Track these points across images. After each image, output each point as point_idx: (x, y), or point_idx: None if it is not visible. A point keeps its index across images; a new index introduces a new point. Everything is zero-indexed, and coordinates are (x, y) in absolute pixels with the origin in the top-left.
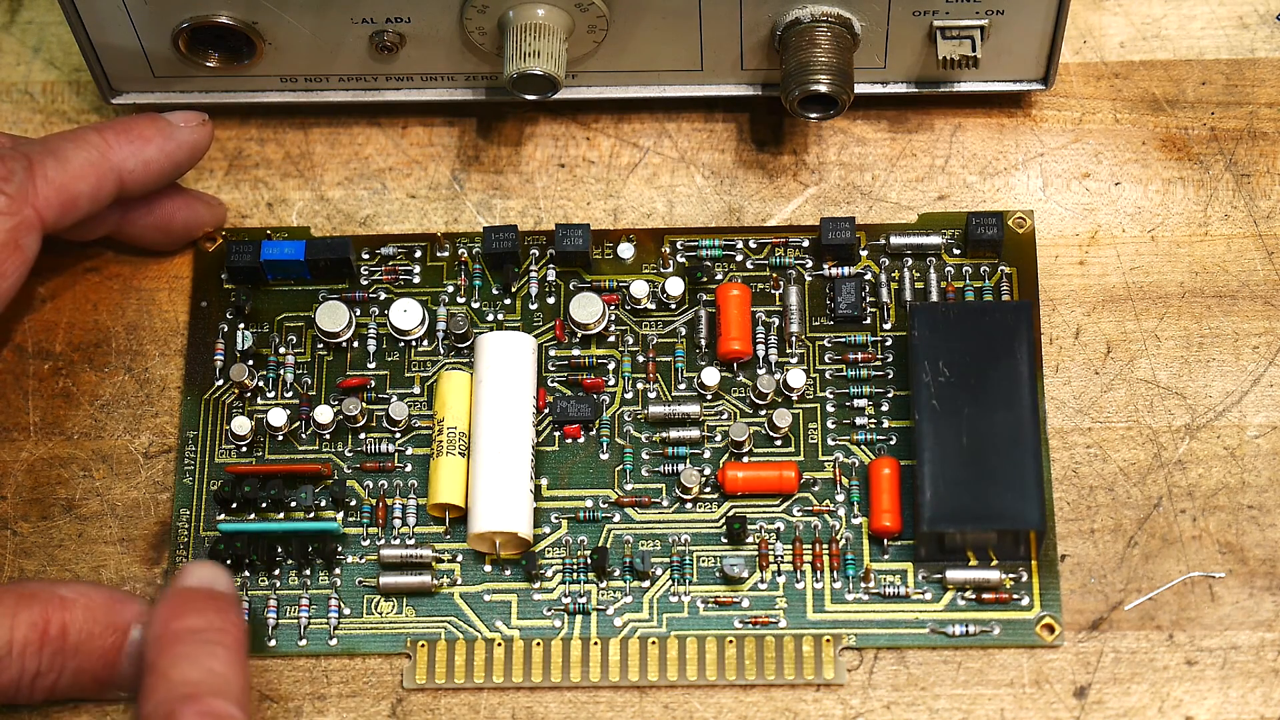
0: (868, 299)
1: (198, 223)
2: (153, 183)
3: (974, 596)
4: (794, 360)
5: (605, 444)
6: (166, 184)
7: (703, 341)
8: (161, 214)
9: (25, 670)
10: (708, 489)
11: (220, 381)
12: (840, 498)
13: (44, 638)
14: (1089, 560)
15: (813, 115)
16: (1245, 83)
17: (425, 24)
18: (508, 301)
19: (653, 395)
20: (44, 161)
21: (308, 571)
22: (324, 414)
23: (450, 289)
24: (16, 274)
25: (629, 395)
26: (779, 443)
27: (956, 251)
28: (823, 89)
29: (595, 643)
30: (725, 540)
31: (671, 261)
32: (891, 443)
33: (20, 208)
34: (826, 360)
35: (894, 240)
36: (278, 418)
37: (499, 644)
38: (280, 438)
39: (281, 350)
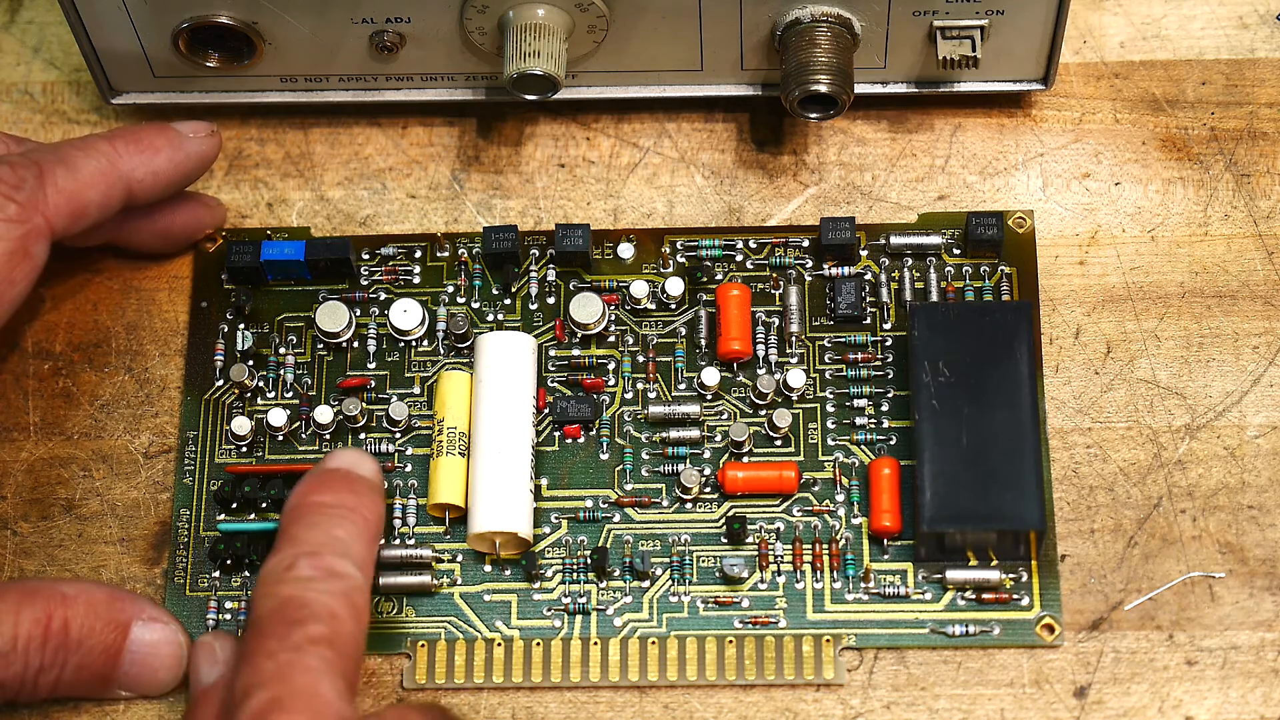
0: (868, 299)
1: (198, 226)
2: (161, 192)
3: (974, 596)
4: (794, 360)
5: (605, 444)
6: (174, 194)
7: (703, 341)
8: (162, 220)
9: (29, 666)
10: (708, 489)
11: (220, 381)
12: (840, 498)
13: (46, 633)
14: (1089, 560)
15: (813, 115)
16: (1245, 83)
17: (425, 24)
18: (508, 301)
19: (653, 395)
20: (54, 170)
21: None
22: (324, 414)
23: (450, 289)
24: (25, 281)
25: (629, 395)
26: (779, 443)
27: (956, 251)
28: (823, 89)
29: (595, 643)
30: (725, 540)
31: (671, 261)
32: (891, 443)
33: (30, 215)
34: (826, 360)
35: (894, 240)
36: (278, 418)
37: (499, 644)
38: (280, 438)
39: (281, 350)
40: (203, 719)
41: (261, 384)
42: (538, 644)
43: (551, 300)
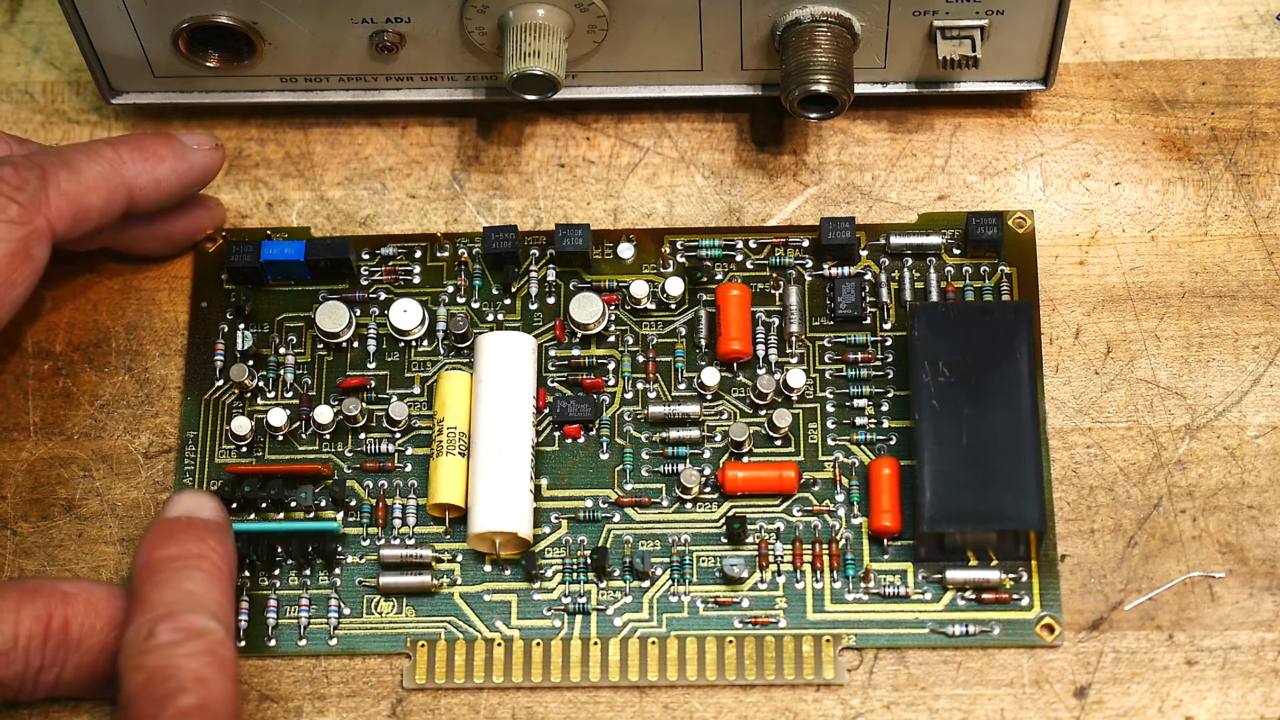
0: (868, 299)
1: (198, 228)
2: (162, 201)
3: (974, 596)
4: (794, 360)
5: (605, 444)
6: (175, 203)
7: (703, 341)
8: (162, 222)
9: (29, 665)
10: (708, 489)
11: (220, 381)
12: (840, 498)
13: (47, 632)
14: (1089, 560)
15: (813, 115)
16: (1245, 83)
17: (425, 24)
18: (508, 301)
19: (653, 395)
20: (57, 172)
21: (308, 571)
22: (324, 414)
23: (450, 289)
24: (27, 282)
25: (629, 395)
26: (779, 443)
27: (956, 251)
28: (823, 89)
29: (595, 643)
30: (725, 540)
31: (671, 261)
32: (891, 443)
33: (32, 217)
34: (826, 360)
35: (894, 240)
36: (278, 418)
37: (499, 644)
38: (280, 438)
39: (281, 350)
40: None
41: (261, 384)
42: (538, 644)
43: (551, 300)
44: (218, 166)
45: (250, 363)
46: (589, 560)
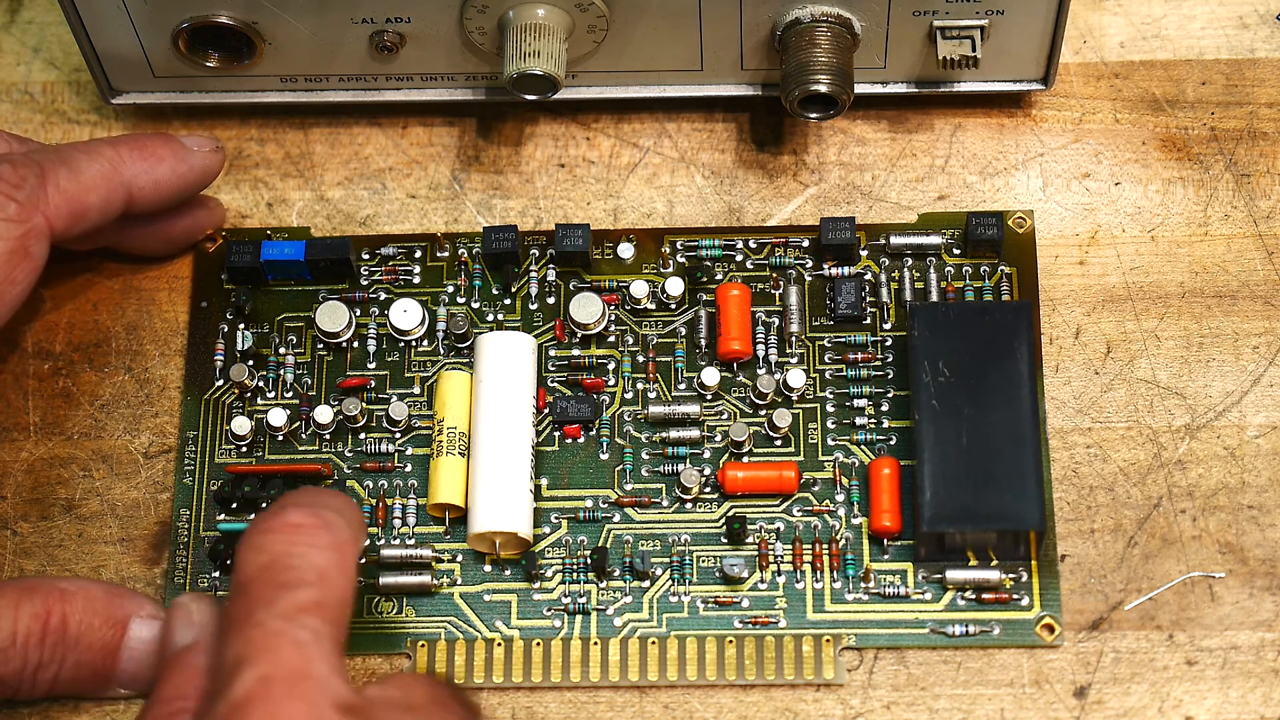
0: (868, 299)
1: (197, 228)
2: (161, 202)
3: (974, 596)
4: (794, 360)
5: (605, 444)
6: (173, 204)
7: (703, 341)
8: (162, 222)
9: (28, 662)
10: (708, 489)
11: (220, 381)
12: (840, 498)
13: (45, 630)
14: (1089, 560)
15: (813, 115)
16: (1245, 83)
17: (425, 24)
18: (508, 301)
19: (653, 395)
20: (56, 170)
21: None
22: (324, 414)
23: (450, 289)
24: (26, 281)
25: (629, 395)
26: (779, 443)
27: (956, 251)
28: (823, 89)
29: (595, 643)
30: (725, 540)
31: (671, 261)
32: (891, 443)
33: (31, 215)
34: (826, 360)
35: (894, 240)
36: (278, 418)
37: (499, 644)
38: (280, 438)
39: (281, 350)
40: (180, 688)
41: (261, 384)
42: (538, 644)
43: (551, 300)
44: (217, 169)
45: (250, 363)
46: (589, 560)
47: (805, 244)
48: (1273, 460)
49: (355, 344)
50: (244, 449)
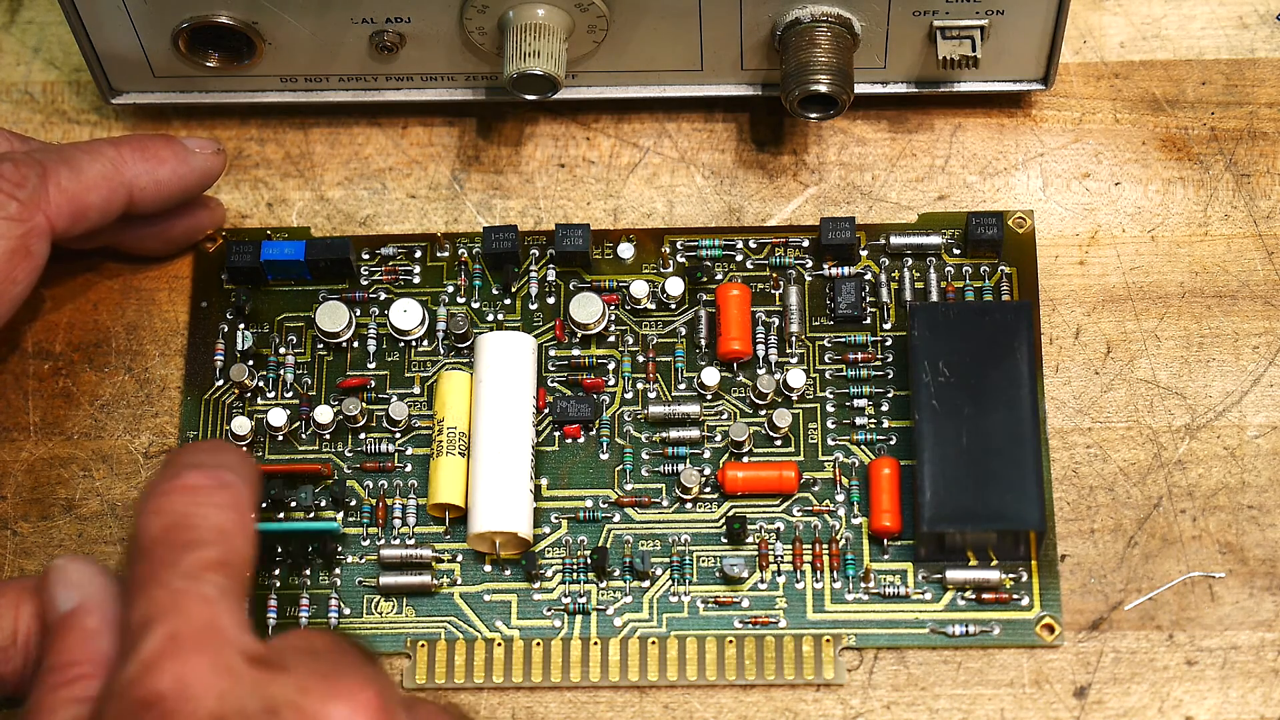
0: (868, 299)
1: (198, 228)
2: (162, 203)
3: (974, 596)
4: (794, 360)
5: (605, 444)
6: (174, 205)
7: (703, 341)
8: (162, 222)
9: (29, 661)
10: (708, 489)
11: (220, 381)
12: (840, 498)
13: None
14: (1089, 560)
15: (813, 115)
16: (1245, 83)
17: (425, 24)
18: (508, 301)
19: (653, 395)
20: (58, 170)
21: (308, 571)
22: (324, 414)
23: (450, 289)
24: (27, 280)
25: (629, 395)
26: (779, 443)
27: (956, 251)
28: (823, 89)
29: (595, 643)
30: (725, 540)
31: (671, 261)
32: (891, 443)
33: (32, 214)
34: (826, 360)
35: (894, 240)
36: (278, 418)
37: (499, 644)
38: (280, 438)
39: (281, 350)
40: (72, 652)
41: (261, 384)
42: (538, 644)
43: (551, 300)
44: (219, 171)
45: (250, 363)
46: (589, 560)
47: (805, 244)
48: (1273, 460)
49: (355, 344)
50: (244, 449)
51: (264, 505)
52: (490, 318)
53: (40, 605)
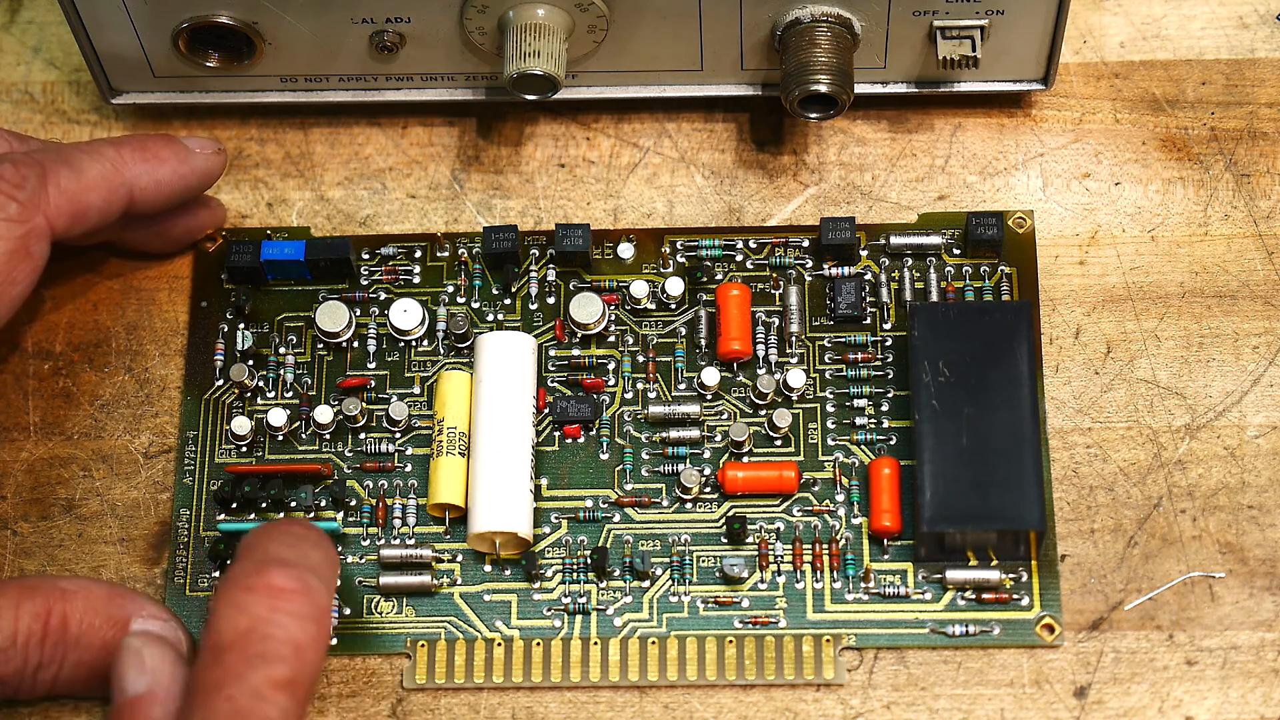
0: (868, 299)
1: (198, 227)
2: (162, 203)
3: (974, 596)
4: (794, 360)
5: (605, 444)
6: (175, 205)
7: (703, 341)
8: (162, 221)
9: (28, 662)
10: (708, 489)
11: (220, 381)
12: (840, 498)
13: (46, 629)
14: (1089, 560)
15: (813, 115)
16: (1245, 83)
17: (425, 24)
18: (508, 301)
19: (653, 395)
20: (58, 170)
21: None
22: (324, 414)
23: (450, 289)
24: (26, 281)
25: (629, 395)
26: (779, 443)
27: (956, 251)
28: (823, 89)
29: (595, 643)
30: (725, 540)
31: (671, 261)
32: (891, 443)
33: (31, 215)
34: (826, 360)
35: (894, 240)
36: (278, 418)
37: (499, 644)
38: (280, 438)
39: (281, 350)
40: None
41: (261, 384)
42: (538, 644)
43: (551, 300)
44: (219, 171)
45: (250, 363)
46: (589, 560)
47: (805, 244)
48: (1273, 460)
49: (355, 344)
50: (244, 449)
51: (264, 505)
52: (490, 318)
53: (40, 605)
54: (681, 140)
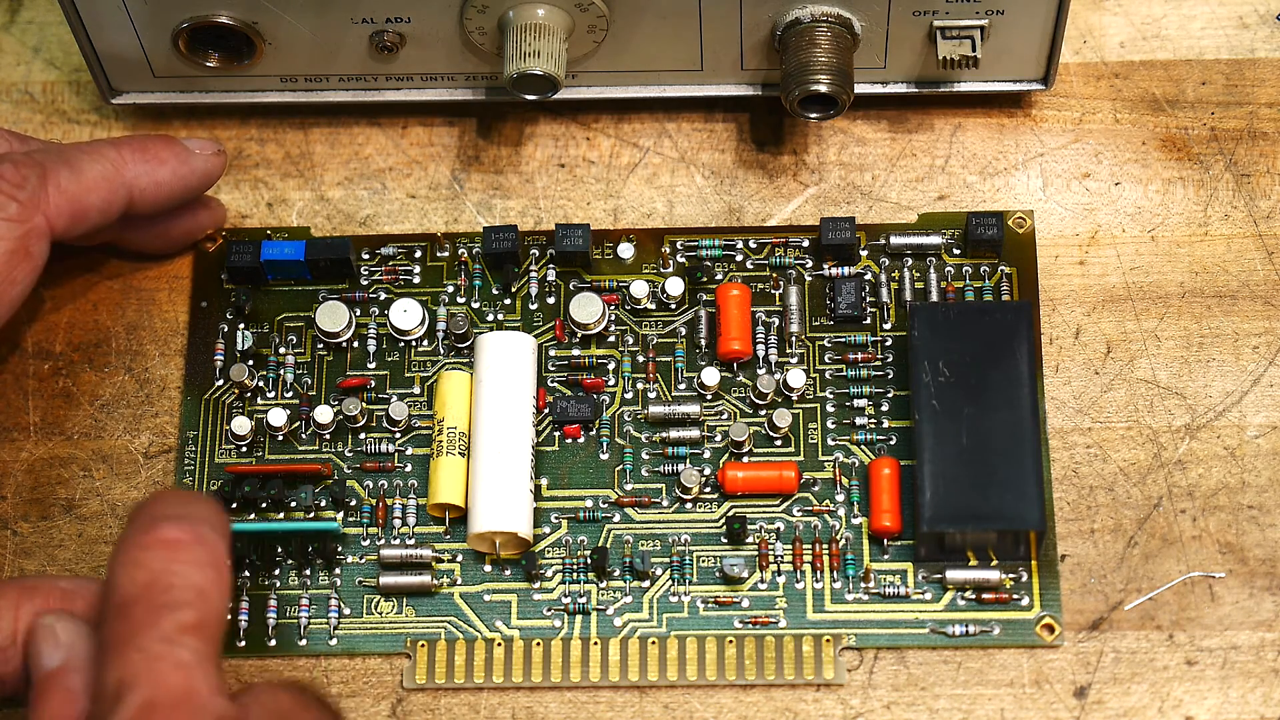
0: (868, 299)
1: (198, 227)
2: (162, 204)
3: (974, 596)
4: (794, 360)
5: (605, 444)
6: (174, 206)
7: (703, 341)
8: (162, 221)
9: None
10: (708, 489)
11: (220, 381)
12: (840, 498)
13: None
14: (1089, 560)
15: (813, 115)
16: (1245, 83)
17: (425, 24)
18: (508, 301)
19: (653, 395)
20: (58, 170)
21: (308, 571)
22: (324, 414)
23: (450, 289)
24: (26, 281)
25: (629, 395)
26: (779, 443)
27: (956, 251)
28: (823, 89)
29: (595, 643)
30: (725, 540)
31: (671, 261)
32: (891, 443)
33: (31, 215)
34: (826, 360)
35: (894, 240)
36: (278, 418)
37: (499, 644)
38: (280, 438)
39: (281, 350)
40: (55, 713)
41: (261, 384)
42: (538, 644)
43: (551, 300)
44: (219, 172)
45: (250, 363)
46: (589, 560)
47: (805, 244)
48: (1273, 460)
49: (355, 344)
50: (244, 449)
51: (264, 505)
52: (490, 318)
53: (40, 606)
54: (681, 140)
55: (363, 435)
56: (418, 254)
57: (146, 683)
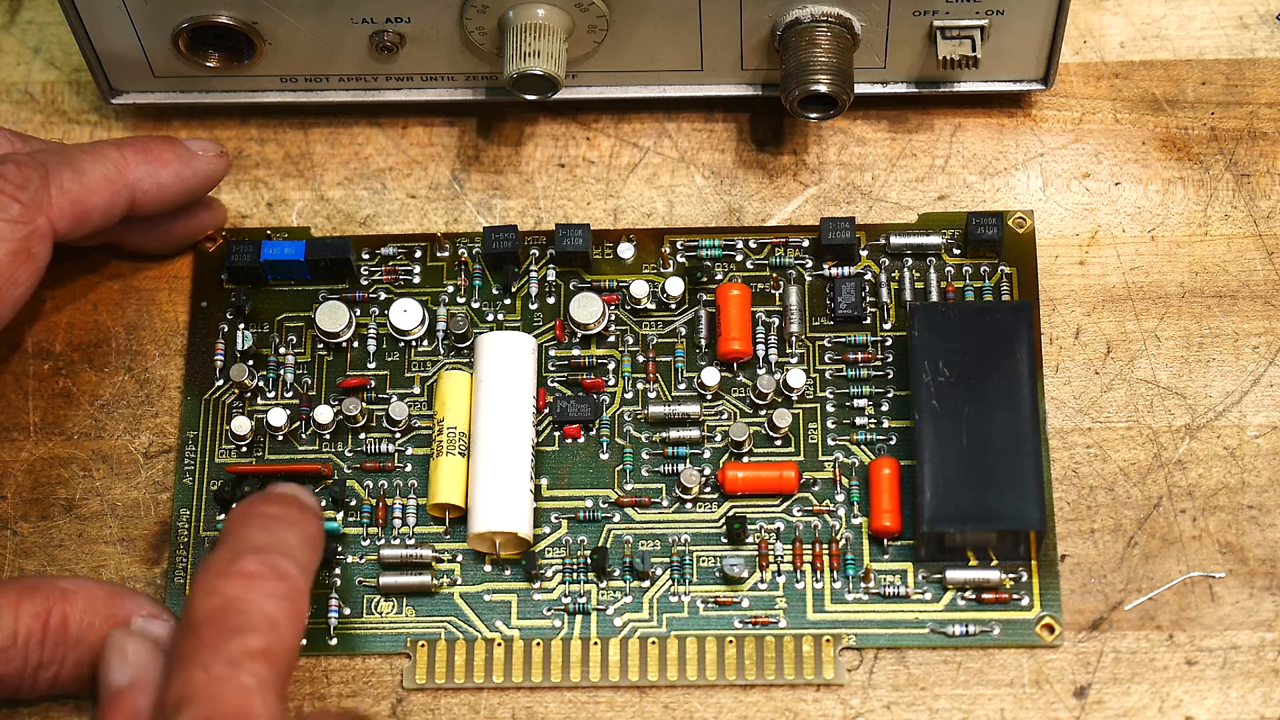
0: (868, 299)
1: (198, 228)
2: (164, 205)
3: (974, 596)
4: (794, 360)
5: (605, 444)
6: (176, 208)
7: (703, 341)
8: (162, 224)
9: (29, 662)
10: (708, 489)
11: (220, 381)
12: (840, 498)
13: (46, 629)
14: (1089, 560)
15: (813, 115)
16: (1245, 83)
17: (425, 24)
18: (508, 301)
19: (653, 395)
20: (60, 172)
21: None
22: (324, 414)
23: (450, 289)
24: (28, 282)
25: (629, 395)
26: (779, 443)
27: (956, 251)
28: (823, 89)
29: (595, 643)
30: (725, 540)
31: (671, 261)
32: (891, 443)
33: (34, 216)
34: (826, 360)
35: (894, 240)
36: (278, 418)
37: (499, 644)
38: (280, 438)
39: (281, 350)
40: None
41: (261, 384)
42: (538, 644)
43: (551, 300)
44: (221, 174)
45: (250, 363)
46: (589, 560)
47: (805, 244)
48: (1273, 460)
49: (355, 344)
50: (244, 449)
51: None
52: (490, 318)
53: (40, 605)
54: (681, 140)
55: (363, 435)
56: (418, 254)
57: (205, 701)
